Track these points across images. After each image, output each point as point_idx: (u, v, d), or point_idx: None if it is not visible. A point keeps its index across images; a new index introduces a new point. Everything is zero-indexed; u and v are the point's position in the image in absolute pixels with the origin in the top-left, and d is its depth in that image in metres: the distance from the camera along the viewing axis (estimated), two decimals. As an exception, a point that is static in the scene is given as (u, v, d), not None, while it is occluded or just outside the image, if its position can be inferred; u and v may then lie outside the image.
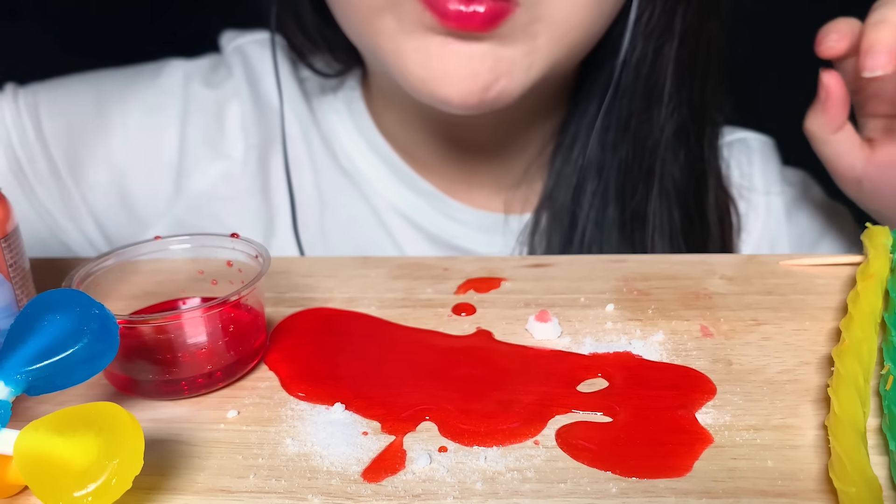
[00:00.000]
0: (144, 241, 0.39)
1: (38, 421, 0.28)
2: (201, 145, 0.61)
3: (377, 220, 0.61)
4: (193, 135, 0.61)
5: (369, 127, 0.62)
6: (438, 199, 0.61)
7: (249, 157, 0.61)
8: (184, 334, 0.35)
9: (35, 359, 0.29)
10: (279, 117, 0.61)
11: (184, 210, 0.61)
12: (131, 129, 0.61)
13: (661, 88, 0.55)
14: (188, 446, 0.32)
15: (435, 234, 0.61)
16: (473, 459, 0.31)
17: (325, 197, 0.62)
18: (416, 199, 0.61)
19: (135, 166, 0.61)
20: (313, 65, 0.61)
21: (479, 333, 0.40)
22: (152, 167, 0.61)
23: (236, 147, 0.61)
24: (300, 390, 0.35)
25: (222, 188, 0.61)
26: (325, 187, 0.62)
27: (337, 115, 0.63)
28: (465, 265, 0.47)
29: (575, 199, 0.58)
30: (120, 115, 0.60)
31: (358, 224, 0.62)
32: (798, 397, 0.34)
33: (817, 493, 0.28)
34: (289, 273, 0.46)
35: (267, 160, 0.61)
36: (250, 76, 0.62)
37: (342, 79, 0.63)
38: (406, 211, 0.61)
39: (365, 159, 0.62)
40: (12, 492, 0.29)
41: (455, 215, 0.61)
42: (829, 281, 0.43)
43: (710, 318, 0.40)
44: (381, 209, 0.61)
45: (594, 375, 0.36)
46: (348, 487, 0.29)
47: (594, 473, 0.30)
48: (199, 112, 0.61)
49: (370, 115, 0.62)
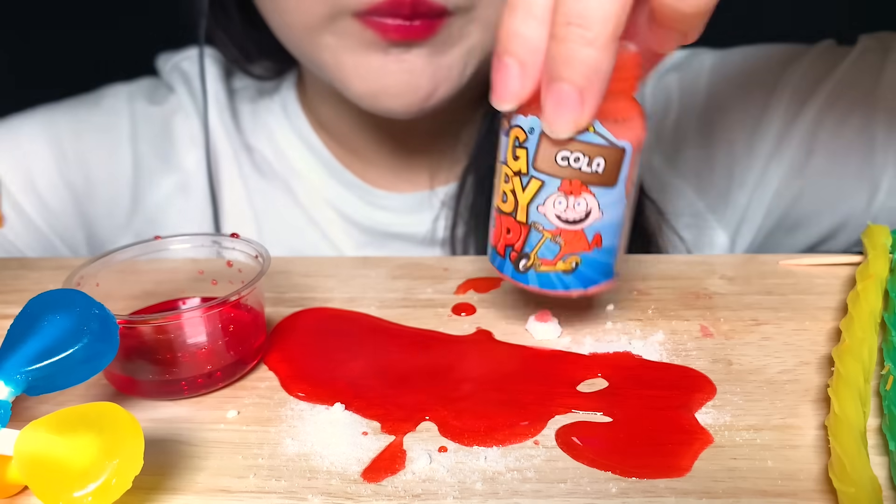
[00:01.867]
0: (144, 241, 0.39)
1: (38, 421, 0.28)
2: (153, 158, 0.63)
3: (308, 217, 0.63)
4: (145, 149, 0.63)
5: (304, 125, 0.64)
6: (364, 190, 0.63)
7: (200, 169, 0.63)
8: (184, 334, 0.35)
9: (35, 359, 0.29)
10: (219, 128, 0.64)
11: (142, 223, 0.63)
12: (85, 152, 0.63)
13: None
14: (188, 446, 0.32)
15: (366, 226, 0.63)
16: (473, 459, 0.31)
17: (257, 206, 0.64)
18: (345, 193, 0.63)
19: (93, 187, 0.63)
20: (250, 71, 0.64)
21: (479, 333, 0.40)
22: (109, 185, 0.63)
23: (188, 158, 0.64)
24: (300, 390, 0.35)
25: (177, 200, 0.63)
26: (256, 197, 0.64)
27: (273, 116, 0.65)
28: (466, 265, 0.47)
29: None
30: (73, 142, 0.63)
31: (293, 228, 0.64)
32: (798, 397, 0.34)
33: (817, 493, 0.28)
34: (289, 273, 0.46)
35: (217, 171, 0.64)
36: (191, 91, 0.64)
37: (280, 80, 0.66)
38: (337, 204, 0.63)
39: (300, 158, 0.64)
40: (12, 492, 0.29)
41: (382, 203, 0.63)
42: (829, 281, 0.43)
43: (710, 318, 0.40)
44: (312, 206, 0.63)
45: (594, 375, 0.36)
46: (348, 487, 0.29)
47: (594, 473, 0.30)
48: (147, 127, 0.64)
49: (305, 113, 0.64)
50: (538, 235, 0.33)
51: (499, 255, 0.35)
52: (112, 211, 0.63)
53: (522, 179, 0.32)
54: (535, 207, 0.33)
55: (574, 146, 0.31)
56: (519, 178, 0.33)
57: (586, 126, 0.31)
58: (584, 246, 0.33)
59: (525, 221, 0.33)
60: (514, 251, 0.34)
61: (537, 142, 0.32)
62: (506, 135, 0.33)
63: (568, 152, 0.31)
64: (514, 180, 0.33)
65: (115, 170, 0.63)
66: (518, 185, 0.33)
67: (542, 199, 0.32)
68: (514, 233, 0.34)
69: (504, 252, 0.35)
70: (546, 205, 0.33)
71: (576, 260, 0.34)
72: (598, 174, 0.32)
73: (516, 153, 0.32)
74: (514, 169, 0.33)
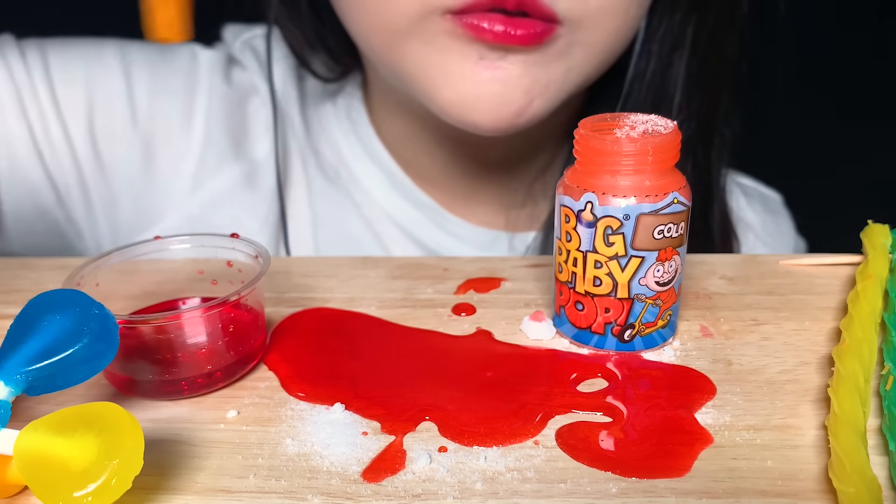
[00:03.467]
0: (144, 241, 0.39)
1: (38, 421, 0.27)
2: (224, 141, 0.58)
3: (371, 232, 0.59)
4: (217, 128, 0.58)
5: (369, 135, 0.60)
6: (437, 213, 0.59)
7: (270, 162, 0.58)
8: (184, 334, 0.35)
9: (35, 359, 0.29)
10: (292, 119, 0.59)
11: (198, 207, 0.58)
12: (156, 114, 0.57)
13: (671, 100, 0.54)
14: (188, 446, 0.32)
15: (431, 249, 0.59)
16: (473, 459, 0.31)
17: (318, 211, 0.59)
18: (413, 212, 0.59)
19: (153, 154, 0.57)
20: (312, 68, 0.59)
21: (479, 333, 0.40)
22: (173, 157, 0.58)
23: (258, 148, 0.59)
24: (300, 390, 0.35)
25: (241, 191, 0.58)
26: (317, 200, 0.59)
27: (336, 122, 0.60)
28: (465, 265, 0.47)
29: None
30: (147, 96, 0.57)
31: (352, 237, 0.59)
32: (798, 397, 0.34)
33: (817, 493, 0.28)
34: (289, 273, 0.46)
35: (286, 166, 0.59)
36: (266, 75, 0.59)
37: (341, 83, 0.61)
38: (403, 223, 0.59)
39: (363, 168, 0.60)
40: (12, 492, 0.29)
41: (453, 230, 0.59)
42: (829, 281, 0.43)
43: (710, 318, 0.40)
44: (376, 220, 0.59)
45: (594, 375, 0.36)
46: (348, 487, 0.29)
47: (594, 473, 0.30)
48: (221, 105, 0.59)
49: (371, 123, 0.60)
50: (641, 305, 0.36)
51: (595, 334, 0.37)
52: (168, 187, 0.57)
53: (620, 261, 0.35)
54: (636, 282, 0.35)
55: (665, 219, 0.34)
56: (616, 261, 0.35)
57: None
58: (674, 298, 0.37)
59: (627, 297, 0.36)
60: (618, 325, 0.36)
61: (634, 226, 0.34)
62: (588, 227, 0.35)
63: (662, 226, 0.34)
64: (610, 264, 0.35)
65: (185, 142, 0.57)
66: (616, 268, 0.35)
67: (642, 273, 0.35)
68: (614, 310, 0.36)
69: (604, 330, 0.37)
70: (647, 276, 0.35)
71: (670, 313, 0.37)
72: (682, 235, 0.36)
73: (609, 240, 0.35)
74: (609, 254, 0.35)
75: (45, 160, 0.55)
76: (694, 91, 0.54)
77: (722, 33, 0.54)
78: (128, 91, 0.57)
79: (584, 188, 0.35)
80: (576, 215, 0.35)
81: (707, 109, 0.55)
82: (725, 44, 0.54)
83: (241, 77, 0.60)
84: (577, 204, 0.35)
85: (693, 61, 0.53)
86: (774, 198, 0.69)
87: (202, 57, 0.60)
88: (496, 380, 0.36)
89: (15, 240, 0.56)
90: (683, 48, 0.53)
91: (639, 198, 0.34)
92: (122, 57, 0.57)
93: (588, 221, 0.35)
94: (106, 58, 0.57)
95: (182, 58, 0.59)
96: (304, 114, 0.60)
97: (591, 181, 0.35)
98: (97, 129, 0.56)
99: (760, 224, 0.66)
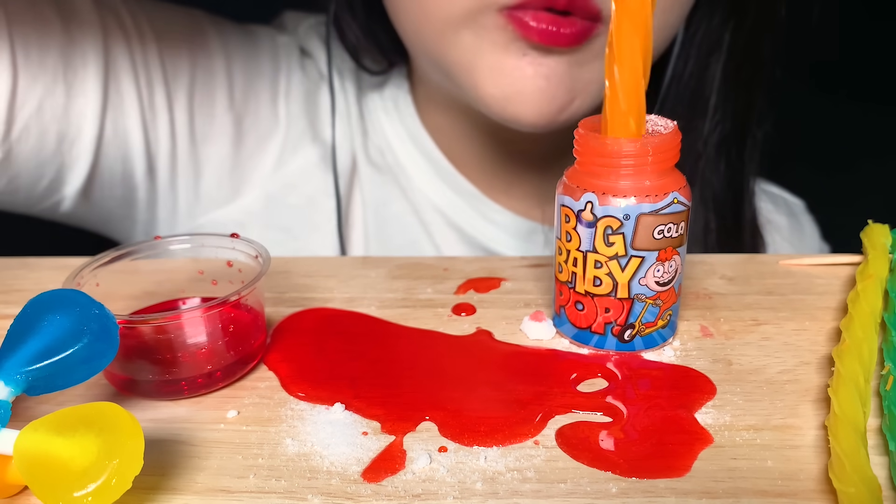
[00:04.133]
0: (144, 242, 0.39)
1: (38, 421, 0.27)
2: (303, 122, 0.60)
3: (417, 218, 0.61)
4: (295, 111, 0.60)
5: (416, 125, 0.61)
6: (478, 199, 0.61)
7: (344, 147, 0.61)
8: (184, 334, 0.35)
9: (35, 359, 0.29)
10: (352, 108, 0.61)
11: (279, 185, 0.60)
12: (249, 92, 0.59)
13: (707, 101, 0.55)
14: (188, 446, 0.32)
15: (471, 236, 0.61)
16: (473, 459, 0.31)
17: (367, 196, 0.61)
18: (456, 199, 0.61)
19: (244, 132, 0.59)
20: (361, 61, 0.61)
21: (479, 333, 0.40)
22: (261, 137, 0.60)
23: (327, 132, 0.61)
24: (300, 390, 0.35)
25: (318, 171, 0.60)
26: (367, 186, 0.61)
27: (385, 112, 0.62)
28: (465, 265, 0.47)
29: None
30: (243, 77, 0.59)
31: (399, 222, 0.61)
32: (798, 397, 0.34)
33: (817, 493, 0.28)
34: (289, 273, 0.46)
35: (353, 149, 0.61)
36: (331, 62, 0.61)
37: (387, 76, 0.63)
38: (446, 210, 0.61)
39: (409, 157, 0.61)
40: (12, 492, 0.29)
41: (493, 217, 0.61)
42: (829, 281, 0.43)
43: (710, 318, 0.40)
44: (422, 207, 0.61)
45: (594, 375, 0.36)
46: (348, 487, 0.29)
47: (594, 473, 0.30)
48: (297, 89, 0.61)
49: (416, 113, 0.62)
50: (641, 305, 0.36)
51: (595, 334, 0.37)
52: (253, 164, 0.59)
53: (620, 261, 0.35)
54: (636, 282, 0.35)
55: (665, 219, 0.34)
56: (616, 261, 0.35)
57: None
58: (674, 298, 0.37)
59: (627, 297, 0.36)
60: (618, 325, 0.36)
61: (634, 226, 0.34)
62: (588, 226, 0.35)
63: (662, 226, 0.34)
64: (610, 264, 0.35)
65: (271, 122, 0.60)
66: (616, 268, 0.35)
67: (642, 273, 0.35)
68: (614, 310, 0.36)
69: (603, 330, 0.37)
70: (647, 276, 0.35)
71: (670, 313, 0.37)
72: (682, 235, 0.36)
73: (609, 240, 0.35)
74: (609, 254, 0.35)
75: (147, 127, 0.55)
76: (729, 93, 0.55)
77: (758, 37, 0.55)
78: (227, 70, 0.58)
79: (584, 188, 0.35)
80: (576, 215, 0.35)
81: (742, 111, 0.57)
82: (761, 48, 0.56)
83: (310, 63, 0.62)
84: (577, 204, 0.35)
85: (729, 64, 0.55)
86: (798, 203, 0.71)
87: (280, 41, 0.62)
88: (496, 380, 0.36)
89: (93, 203, 0.56)
90: (720, 51, 0.54)
91: (639, 198, 0.34)
92: (220, 35, 0.59)
93: (588, 221, 0.35)
94: (207, 34, 0.58)
95: (265, 40, 0.61)
96: (360, 103, 0.62)
97: (591, 181, 0.35)
98: (196, 103, 0.57)
99: (787, 227, 0.68)
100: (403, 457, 0.31)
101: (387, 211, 0.61)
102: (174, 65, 0.56)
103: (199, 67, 0.57)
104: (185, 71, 0.56)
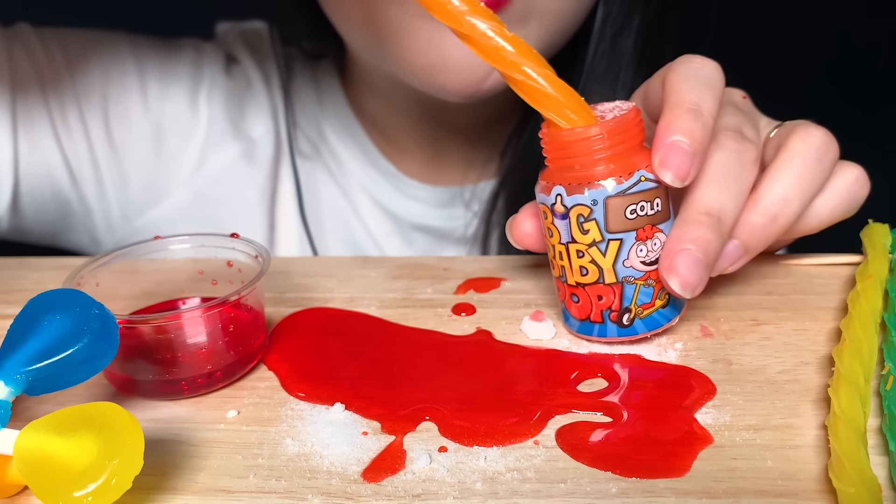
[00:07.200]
0: (144, 241, 0.39)
1: (38, 421, 0.28)
2: (224, 122, 0.63)
3: (347, 200, 0.65)
4: (218, 112, 0.63)
5: (345, 112, 0.65)
6: (399, 178, 0.64)
7: (266, 140, 0.64)
8: (184, 334, 0.35)
9: (35, 359, 0.29)
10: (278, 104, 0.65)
11: (203, 182, 0.63)
12: (166, 98, 0.62)
13: (618, 78, 0.58)
14: (188, 446, 0.32)
15: (395, 213, 0.64)
16: (473, 459, 0.31)
17: (302, 181, 0.64)
18: (380, 179, 0.64)
19: (163, 135, 0.62)
20: (302, 46, 0.64)
21: (479, 333, 0.40)
22: (180, 137, 0.62)
23: (255, 128, 0.64)
24: (300, 390, 0.35)
25: (241, 166, 0.63)
26: (301, 174, 0.65)
27: (314, 97, 0.66)
28: (465, 265, 0.47)
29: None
30: (157, 83, 0.62)
31: (330, 206, 0.65)
32: (798, 397, 0.34)
33: (817, 493, 0.28)
34: (289, 273, 0.46)
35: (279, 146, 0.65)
36: (258, 64, 0.65)
37: (318, 63, 0.66)
38: (372, 191, 0.65)
39: (340, 143, 0.65)
40: (12, 492, 0.29)
41: (414, 194, 0.64)
42: (829, 281, 0.43)
43: (710, 318, 0.40)
44: (351, 190, 0.65)
45: (594, 375, 0.36)
46: (348, 487, 0.29)
47: (594, 473, 0.30)
48: (220, 92, 0.64)
49: (347, 99, 0.65)
50: (632, 287, 0.36)
51: (595, 323, 0.37)
52: (176, 165, 0.63)
53: (600, 247, 0.35)
54: (620, 264, 0.35)
55: (636, 198, 0.35)
56: (596, 247, 0.35)
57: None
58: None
59: (615, 281, 0.36)
60: (614, 311, 0.36)
61: (604, 209, 0.34)
62: (562, 218, 0.35)
63: (633, 205, 0.35)
64: (591, 251, 0.35)
65: (191, 125, 0.63)
66: (597, 254, 0.35)
67: (624, 254, 0.35)
68: (606, 297, 0.36)
69: (601, 318, 0.37)
70: (630, 257, 0.35)
71: (667, 292, 0.36)
72: (660, 212, 0.35)
73: (584, 228, 0.35)
74: (587, 241, 0.35)
75: (63, 143, 0.59)
76: (639, 69, 0.58)
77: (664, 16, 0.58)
78: (140, 79, 0.61)
79: (553, 182, 0.35)
80: (550, 210, 0.36)
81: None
82: (669, 25, 0.59)
83: (237, 68, 0.66)
84: (549, 199, 0.36)
85: (639, 40, 0.57)
86: None
87: (205, 49, 0.65)
88: (496, 380, 0.36)
89: (28, 218, 0.60)
90: (630, 29, 0.57)
91: (604, 181, 0.34)
92: (133, 49, 0.62)
93: (561, 213, 0.35)
94: (120, 49, 0.62)
95: (188, 50, 0.64)
96: (290, 96, 0.66)
97: (560, 174, 0.35)
98: (111, 114, 0.61)
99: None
100: (403, 457, 0.31)
101: (316, 195, 0.65)
102: (86, 85, 0.59)
103: (111, 84, 0.60)
104: (97, 89, 0.60)
